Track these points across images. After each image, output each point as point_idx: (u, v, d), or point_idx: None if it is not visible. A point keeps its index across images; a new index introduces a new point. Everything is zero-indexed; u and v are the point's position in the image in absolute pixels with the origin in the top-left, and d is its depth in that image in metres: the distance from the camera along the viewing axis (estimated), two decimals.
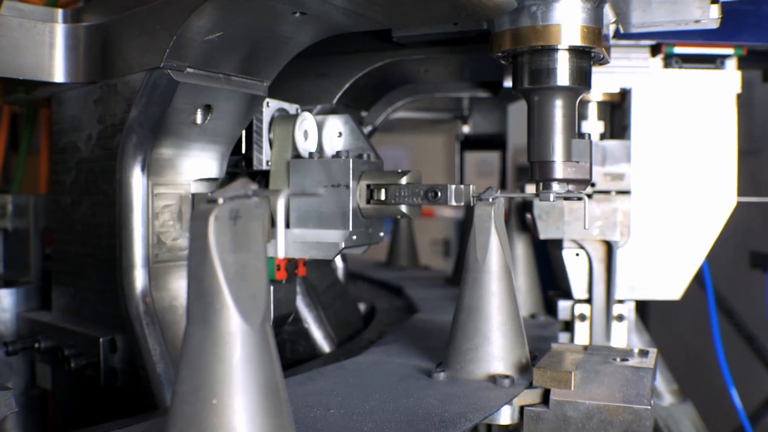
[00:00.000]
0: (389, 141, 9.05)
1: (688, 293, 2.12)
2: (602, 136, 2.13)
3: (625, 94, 2.12)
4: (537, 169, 1.51)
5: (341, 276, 2.44)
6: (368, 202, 1.59)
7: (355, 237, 1.59)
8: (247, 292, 0.87)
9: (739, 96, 2.09)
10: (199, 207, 0.87)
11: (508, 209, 2.26)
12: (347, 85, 1.87)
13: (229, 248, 0.87)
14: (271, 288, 1.64)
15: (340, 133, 1.75)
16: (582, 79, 1.47)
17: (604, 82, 2.08)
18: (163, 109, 1.47)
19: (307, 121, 1.71)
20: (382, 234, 1.70)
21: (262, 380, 0.86)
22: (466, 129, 3.06)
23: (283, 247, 0.84)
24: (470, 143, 3.06)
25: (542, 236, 2.07)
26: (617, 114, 2.19)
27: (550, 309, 2.21)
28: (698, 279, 2.28)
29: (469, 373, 1.45)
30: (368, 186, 1.59)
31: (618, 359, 1.47)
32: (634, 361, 1.45)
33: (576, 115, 1.52)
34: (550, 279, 2.30)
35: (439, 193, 1.52)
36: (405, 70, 1.97)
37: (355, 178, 1.59)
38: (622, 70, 2.07)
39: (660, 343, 5.09)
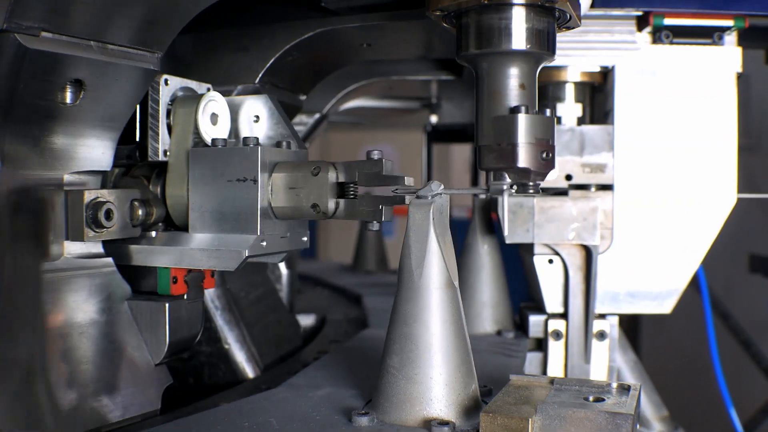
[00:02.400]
0: (378, 139, 8.78)
1: (683, 295, 1.82)
2: (580, 121, 1.82)
3: (607, 74, 1.82)
4: (484, 156, 1.20)
5: (285, 284, 2.14)
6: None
7: (265, 243, 1.29)
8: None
9: (739, 76, 1.79)
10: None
11: (472, 208, 1.95)
12: (272, 61, 1.57)
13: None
14: (167, 306, 1.34)
15: (258, 117, 1.44)
16: (543, 42, 1.16)
17: (582, 60, 1.78)
18: (14, 83, 1.16)
19: (215, 103, 1.40)
20: (305, 239, 1.40)
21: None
22: (434, 119, 2.75)
23: None
24: (439, 134, 2.75)
25: (509, 240, 1.77)
26: (598, 97, 1.89)
27: (523, 323, 1.91)
28: (694, 282, 1.98)
29: (399, 417, 1.15)
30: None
31: (591, 398, 1.17)
32: (611, 401, 1.15)
33: (536, 88, 1.21)
34: (524, 288, 2.00)
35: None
36: (342, 44, 1.66)
37: (266, 170, 1.29)
38: (603, 46, 1.77)
39: (653, 346, 4.87)
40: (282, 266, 2.15)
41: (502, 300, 1.90)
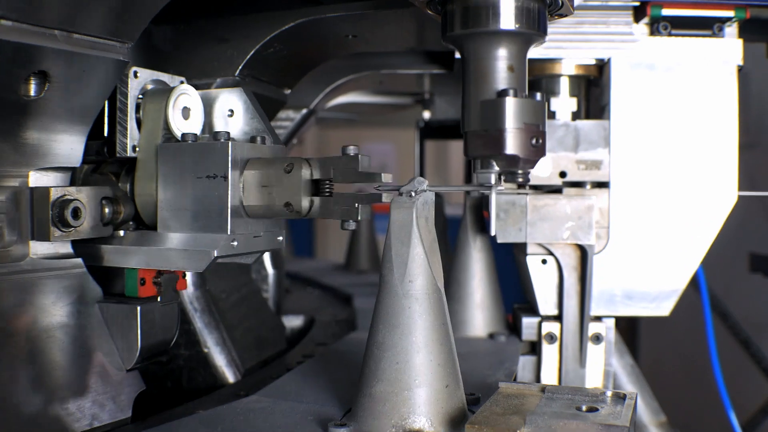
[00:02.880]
0: (376, 136, 8.71)
1: (683, 295, 1.75)
2: (575, 116, 1.76)
3: (602, 67, 1.75)
4: (470, 143, 1.14)
5: (272, 285, 2.07)
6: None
7: (236, 243, 1.22)
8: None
9: (740, 69, 1.72)
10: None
11: (463, 206, 1.89)
12: (252, 52, 1.50)
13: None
14: (138, 309, 1.27)
15: (232, 111, 1.37)
16: (534, 22, 1.10)
17: (577, 52, 1.71)
18: None
19: (187, 96, 1.33)
20: (281, 238, 1.33)
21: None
22: (426, 115, 2.68)
23: None
24: (431, 131, 2.68)
25: (500, 239, 1.70)
26: (594, 91, 1.82)
27: (516, 325, 1.84)
28: (693, 282, 1.92)
29: (379, 428, 1.08)
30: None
31: (584, 408, 1.10)
32: (605, 412, 1.08)
33: (526, 71, 1.15)
34: (519, 289, 1.94)
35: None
36: (326, 35, 1.59)
37: (237, 167, 1.22)
38: (598, 38, 1.71)
39: (653, 346, 4.81)
40: (268, 266, 2.09)
41: (494, 302, 1.83)
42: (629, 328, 4.98)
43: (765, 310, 4.26)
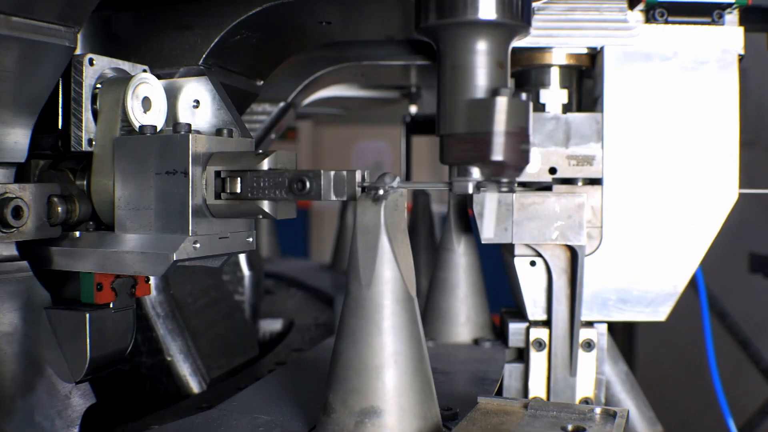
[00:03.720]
0: (370, 134, 8.62)
1: (682, 296, 1.65)
2: (566, 109, 1.65)
3: (595, 57, 1.65)
4: (448, 147, 1.04)
5: (248, 287, 1.97)
6: (218, 196, 1.12)
7: (198, 245, 1.11)
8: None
9: (741, 58, 1.62)
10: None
11: (447, 203, 1.79)
12: (217, 39, 1.39)
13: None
14: (87, 317, 1.17)
15: (198, 102, 1.27)
16: (516, 12, 1.00)
17: (568, 41, 1.61)
18: None
19: (147, 86, 1.23)
20: (251, 240, 1.23)
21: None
22: (413, 109, 2.58)
23: None
24: (418, 126, 2.58)
25: (485, 239, 1.60)
26: (586, 83, 1.72)
27: (504, 331, 1.74)
28: (691, 283, 1.82)
29: None
30: (218, 173, 1.12)
31: (570, 427, 1.00)
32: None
33: (509, 67, 1.05)
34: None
35: (309, 183, 1.05)
36: (298, 21, 1.48)
37: (199, 162, 1.12)
38: (591, 25, 1.61)
39: (650, 348, 4.72)
40: (244, 267, 1.99)
41: (479, 306, 1.73)
42: (626, 330, 4.90)
43: (764, 310, 4.18)
